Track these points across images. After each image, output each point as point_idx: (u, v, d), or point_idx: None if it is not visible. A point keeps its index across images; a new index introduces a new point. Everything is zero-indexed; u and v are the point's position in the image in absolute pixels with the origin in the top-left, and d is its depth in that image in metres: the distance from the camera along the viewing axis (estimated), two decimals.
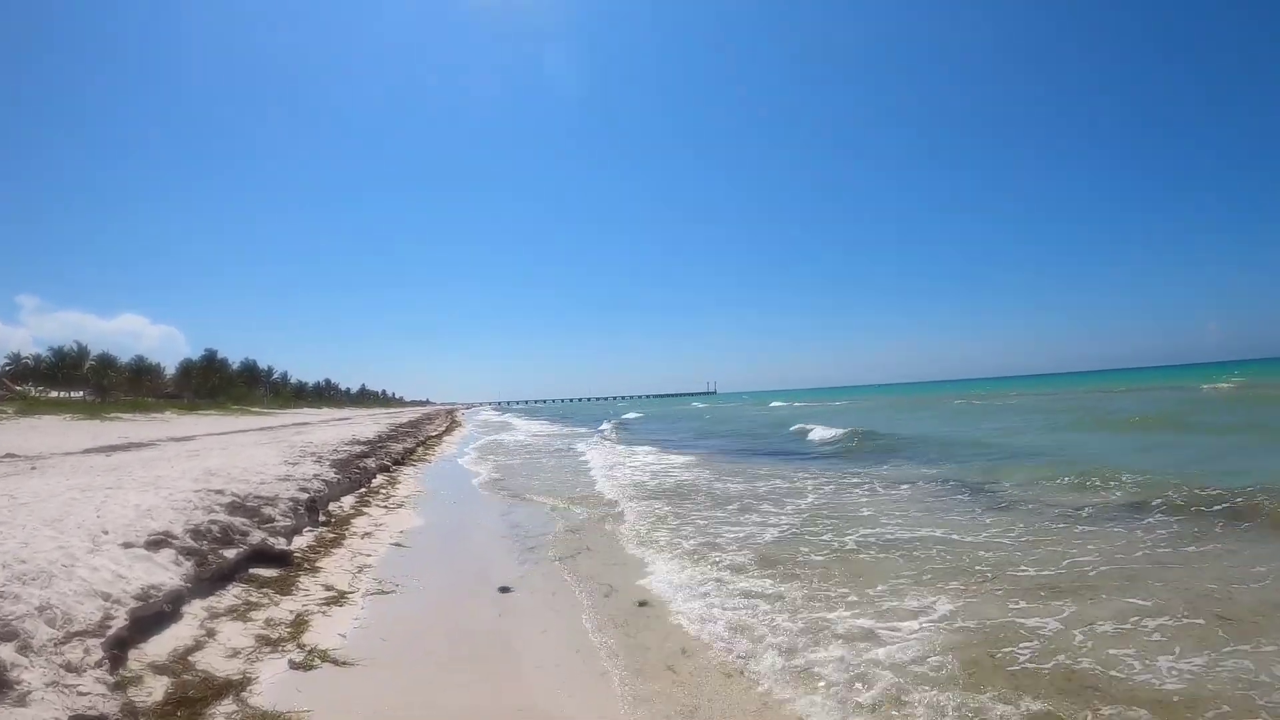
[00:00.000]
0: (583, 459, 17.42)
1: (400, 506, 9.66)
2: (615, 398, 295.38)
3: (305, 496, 8.11)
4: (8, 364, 70.17)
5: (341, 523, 8.20)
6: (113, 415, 41.10)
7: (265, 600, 5.34)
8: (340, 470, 11.00)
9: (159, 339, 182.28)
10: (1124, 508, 8.22)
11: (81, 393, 65.54)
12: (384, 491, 10.87)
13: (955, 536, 7.02)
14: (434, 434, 27.06)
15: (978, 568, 5.93)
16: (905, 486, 10.49)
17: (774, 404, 67.69)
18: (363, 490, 10.74)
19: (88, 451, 16.74)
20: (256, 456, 12.47)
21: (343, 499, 9.72)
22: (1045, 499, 9.07)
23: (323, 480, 9.44)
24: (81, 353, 67.31)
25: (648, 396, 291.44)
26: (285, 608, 5.21)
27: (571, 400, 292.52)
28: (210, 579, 5.42)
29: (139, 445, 20.04)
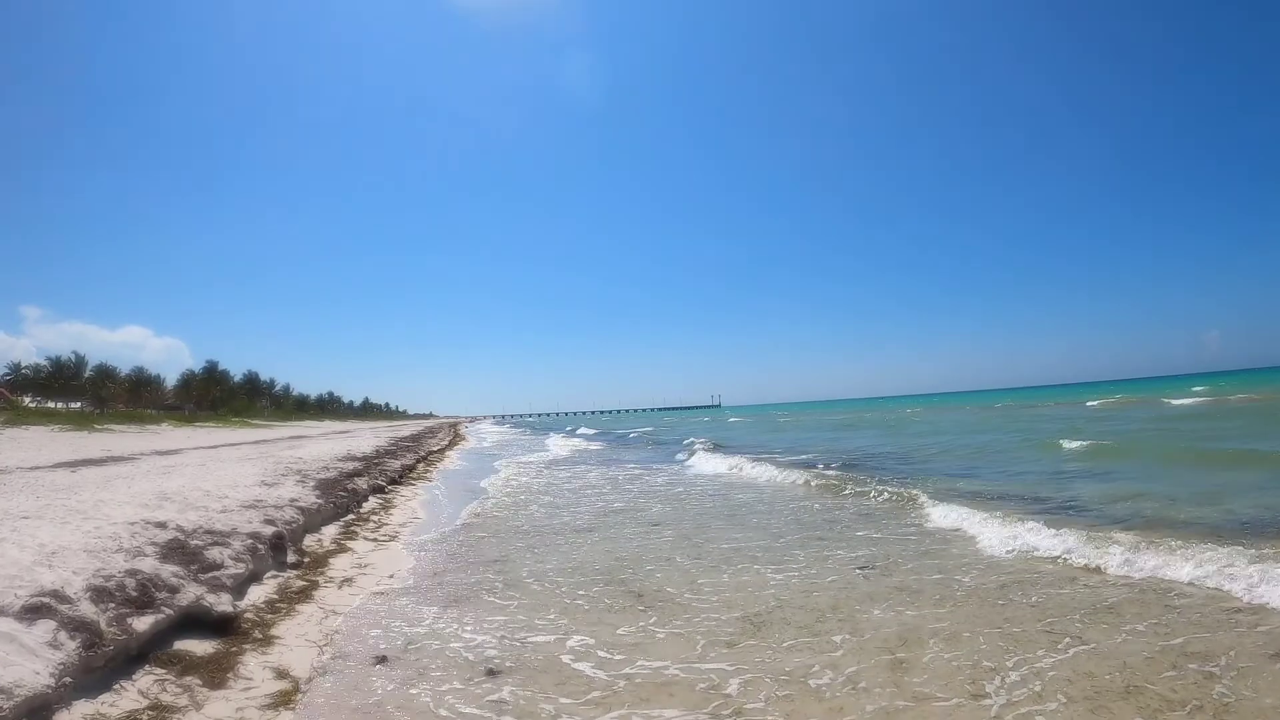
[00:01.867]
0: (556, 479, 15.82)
1: (393, 539, 7.97)
2: (619, 410, 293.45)
3: (271, 531, 6.44)
4: (7, 373, 69.19)
5: (317, 564, 6.52)
6: (105, 427, 39.56)
7: (183, 700, 3.65)
8: (325, 493, 9.34)
9: (163, 351, 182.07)
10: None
11: (79, 403, 64.28)
12: (375, 518, 9.19)
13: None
14: (436, 449, 25.37)
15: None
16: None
17: (731, 419, 72.11)
18: (350, 517, 9.07)
19: (57, 466, 15.15)
20: (230, 475, 10.84)
21: (324, 529, 8.05)
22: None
23: (299, 507, 7.77)
24: (80, 363, 66.24)
25: (652, 410, 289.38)
26: (210, 713, 3.54)
27: (574, 414, 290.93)
28: (106, 666, 3.76)
29: (117, 459, 18.45)
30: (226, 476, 10.66)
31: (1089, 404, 48.19)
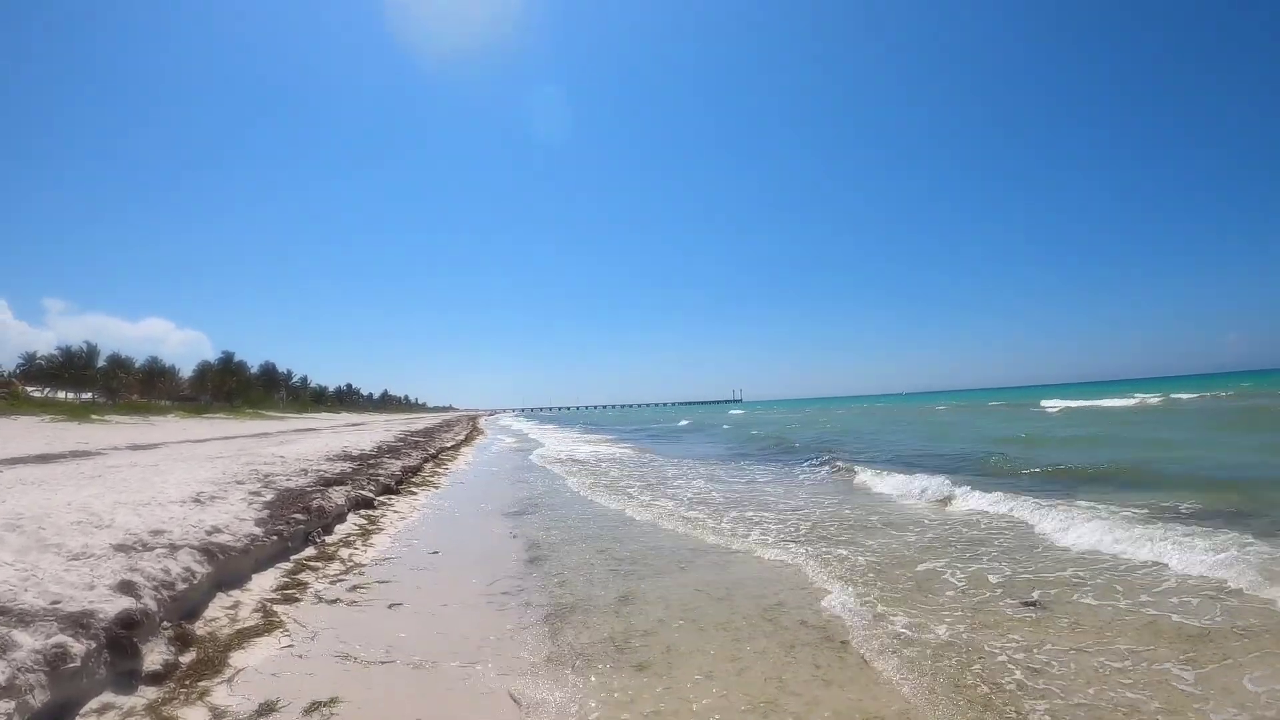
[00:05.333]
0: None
1: (355, 594, 5.08)
2: (641, 405, 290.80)
3: (116, 610, 3.56)
4: (22, 363, 68.11)
5: (204, 667, 3.62)
6: (104, 418, 37.49)
7: None
8: (276, 514, 6.48)
9: (184, 343, 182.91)
10: None
11: (91, 394, 62.83)
12: (345, 553, 6.29)
13: None
14: (449, 445, 22.54)
15: None
16: None
17: (682, 422, 71.04)
18: (308, 553, 6.17)
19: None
20: (164, 484, 8.05)
21: (253, 579, 5.15)
22: None
23: (209, 549, 4.87)
24: (92, 353, 64.71)
25: (674, 405, 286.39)
26: None
27: (598, 407, 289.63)
28: None
29: (79, 455, 15.92)
30: (156, 486, 7.87)
31: (1033, 408, 43.82)
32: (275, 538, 5.75)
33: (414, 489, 10.98)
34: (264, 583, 5.13)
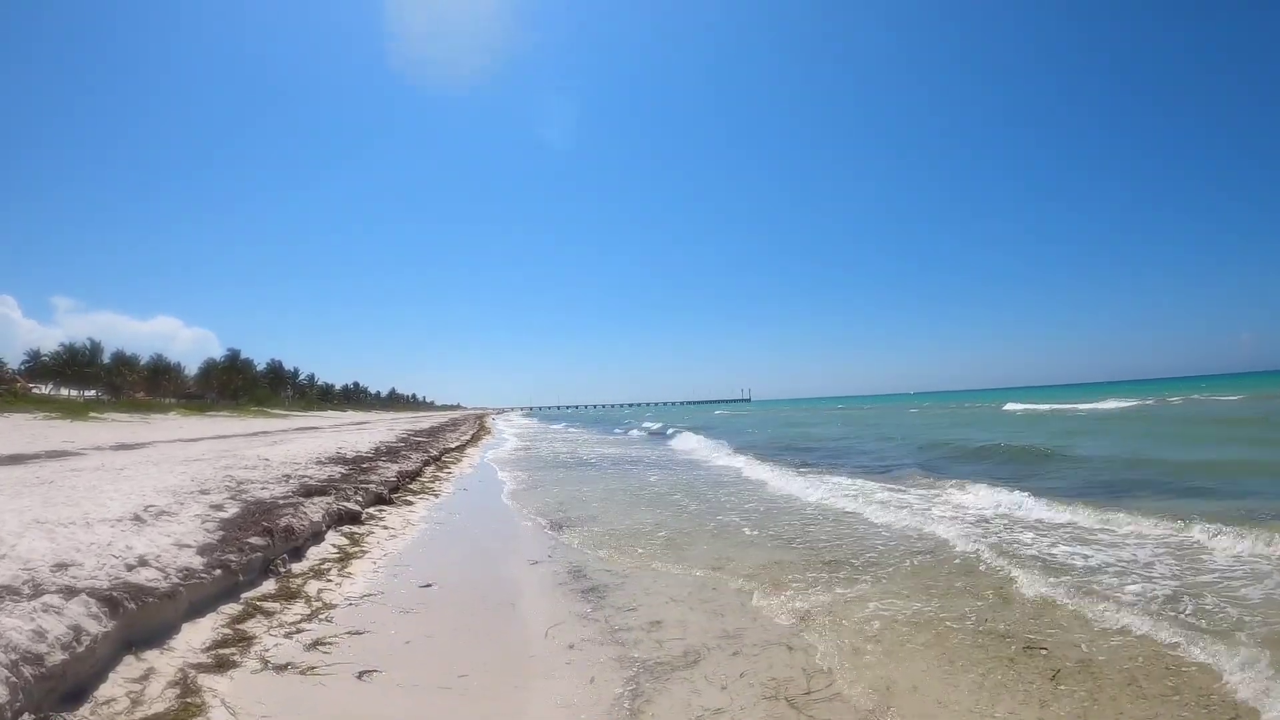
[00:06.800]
0: None
1: (315, 664, 3.81)
2: (648, 404, 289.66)
3: None
4: (27, 360, 67.53)
5: None
6: (103, 416, 36.54)
7: None
8: (225, 540, 5.22)
9: (192, 341, 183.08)
10: None
11: (94, 391, 62.12)
12: (311, 590, 5.04)
13: None
14: (453, 446, 21.29)
15: None
16: None
17: (645, 422, 71.49)
18: (266, 588, 4.93)
19: None
20: (111, 492, 6.83)
21: (182, 630, 3.90)
22: None
23: (105, 602, 3.63)
24: (95, 349, 63.98)
25: (683, 404, 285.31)
26: None
27: (606, 406, 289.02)
28: None
29: (59, 455, 14.82)
30: (104, 496, 6.66)
31: (999, 410, 42.99)
32: (220, 570, 4.50)
33: (410, 498, 9.73)
34: (195, 637, 3.87)
